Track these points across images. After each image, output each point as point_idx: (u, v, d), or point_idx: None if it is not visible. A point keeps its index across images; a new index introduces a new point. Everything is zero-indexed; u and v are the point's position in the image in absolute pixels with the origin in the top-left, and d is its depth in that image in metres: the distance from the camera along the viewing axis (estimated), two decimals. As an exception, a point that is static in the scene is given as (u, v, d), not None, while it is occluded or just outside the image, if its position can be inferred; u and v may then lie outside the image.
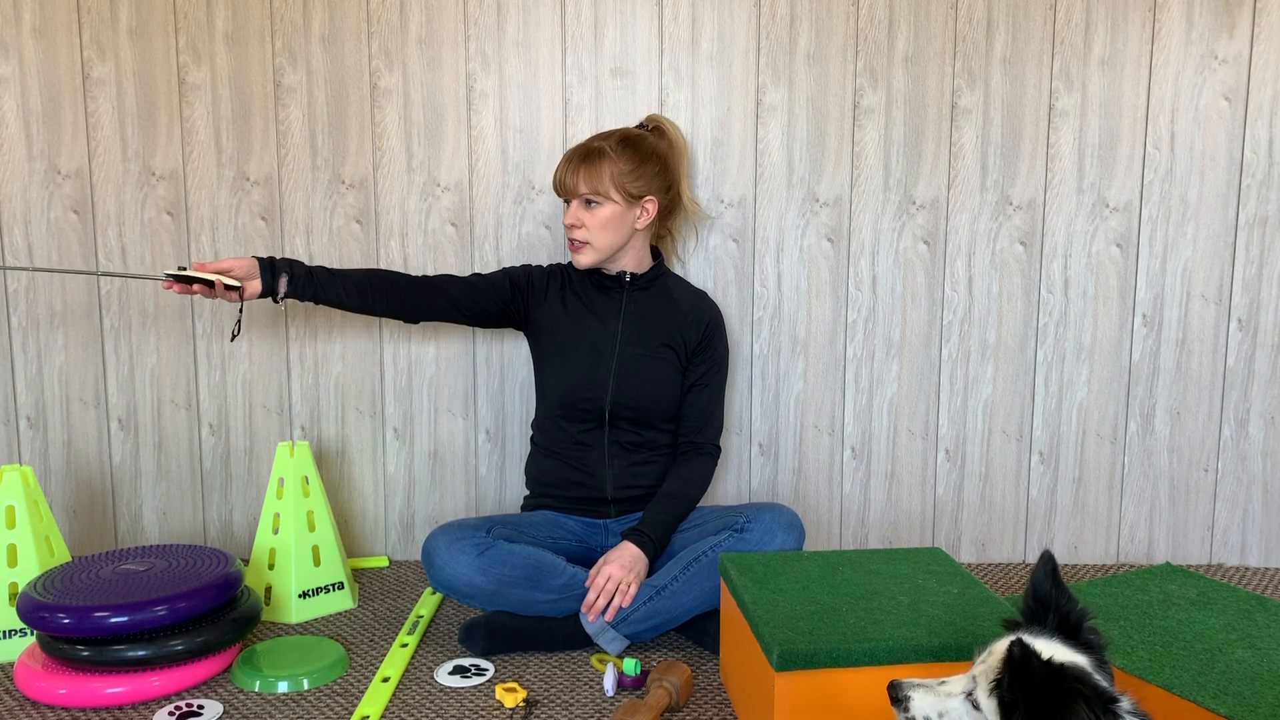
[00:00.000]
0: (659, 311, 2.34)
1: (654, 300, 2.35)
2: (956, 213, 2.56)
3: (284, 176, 2.56)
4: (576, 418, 2.29)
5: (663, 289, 2.37)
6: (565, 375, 2.30)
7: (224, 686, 2.01)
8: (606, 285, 2.35)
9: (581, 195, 2.24)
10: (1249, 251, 2.55)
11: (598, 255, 2.27)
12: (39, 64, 2.50)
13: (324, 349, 2.62)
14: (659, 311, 2.34)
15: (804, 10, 2.49)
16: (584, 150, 2.26)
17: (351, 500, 2.69)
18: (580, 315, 2.33)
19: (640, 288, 2.35)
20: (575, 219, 2.26)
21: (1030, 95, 2.51)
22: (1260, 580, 2.56)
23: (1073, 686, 1.14)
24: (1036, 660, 1.15)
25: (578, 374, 2.28)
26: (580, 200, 2.25)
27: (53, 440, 2.63)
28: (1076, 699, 1.14)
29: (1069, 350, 2.60)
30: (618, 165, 2.24)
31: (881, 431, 2.65)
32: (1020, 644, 1.15)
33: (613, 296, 2.34)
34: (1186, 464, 2.64)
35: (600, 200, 2.23)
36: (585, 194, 2.23)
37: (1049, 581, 1.34)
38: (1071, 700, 1.13)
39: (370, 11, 2.50)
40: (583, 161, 2.24)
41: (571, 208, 2.27)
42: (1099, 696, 1.15)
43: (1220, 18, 2.47)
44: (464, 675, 2.03)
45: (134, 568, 2.09)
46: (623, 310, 2.33)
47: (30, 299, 2.58)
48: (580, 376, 2.28)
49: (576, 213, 2.25)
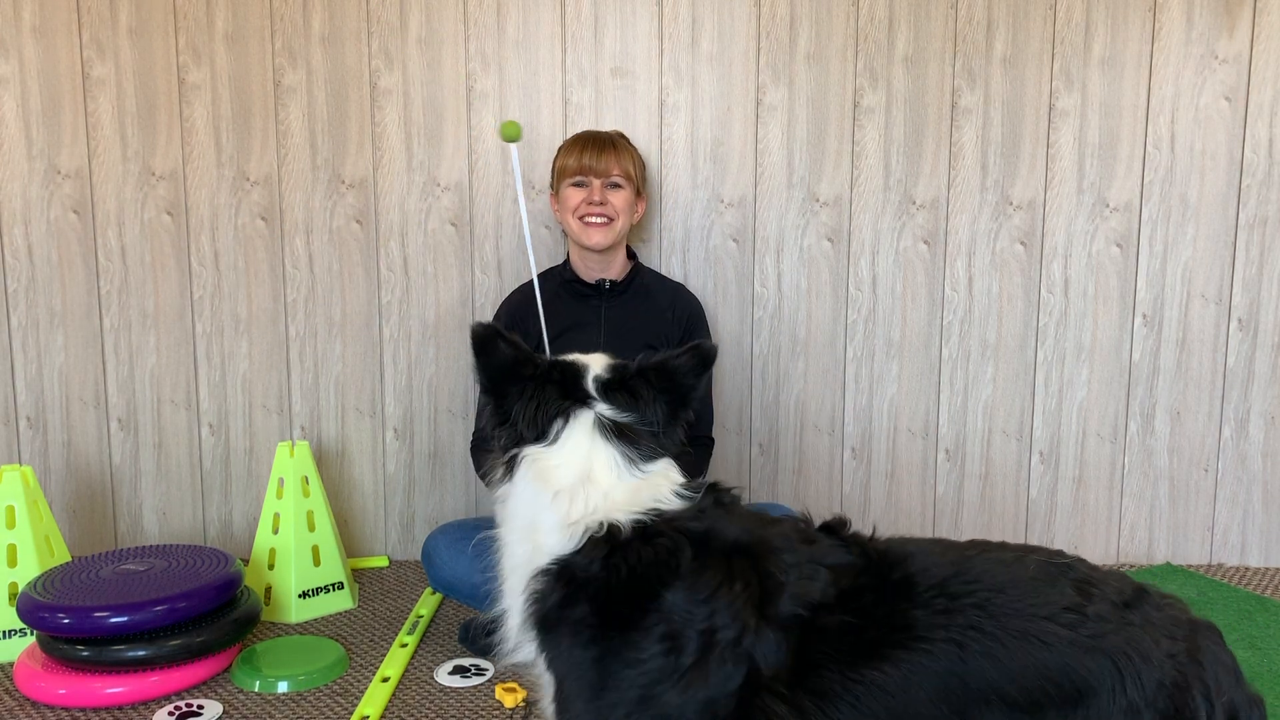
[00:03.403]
0: (638, 314, 2.34)
1: (632, 303, 2.35)
2: (956, 213, 2.56)
3: (284, 176, 2.56)
4: None
5: (640, 290, 2.37)
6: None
7: (224, 686, 2.01)
8: (585, 294, 2.35)
9: (612, 176, 2.28)
10: (1249, 251, 2.55)
11: (614, 237, 2.30)
12: (39, 64, 2.50)
13: (324, 349, 2.62)
14: (638, 314, 2.34)
15: (804, 10, 2.49)
16: (604, 137, 2.32)
17: (351, 500, 2.69)
18: (561, 329, 2.33)
19: (618, 293, 2.35)
20: (602, 196, 2.27)
21: (1030, 95, 2.51)
22: (1260, 580, 2.56)
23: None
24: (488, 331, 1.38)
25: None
26: (605, 182, 2.28)
27: (53, 440, 2.63)
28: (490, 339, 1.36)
29: (1069, 350, 2.60)
30: (634, 157, 2.34)
31: (881, 431, 2.65)
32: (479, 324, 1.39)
33: (591, 304, 2.34)
34: (1186, 464, 2.64)
35: (623, 184, 2.30)
36: (616, 175, 2.28)
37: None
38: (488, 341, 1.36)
39: (370, 11, 2.50)
40: (610, 146, 2.30)
41: (596, 187, 2.27)
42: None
43: (1220, 18, 2.47)
44: (464, 675, 2.03)
45: (134, 568, 2.09)
46: (602, 318, 2.33)
47: (30, 299, 2.58)
48: None
49: (603, 192, 2.28)
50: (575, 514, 1.30)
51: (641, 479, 1.34)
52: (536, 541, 1.32)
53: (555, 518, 1.31)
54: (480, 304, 2.59)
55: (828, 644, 1.22)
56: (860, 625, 1.23)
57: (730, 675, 1.22)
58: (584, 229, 2.27)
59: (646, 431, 1.38)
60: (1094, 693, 1.18)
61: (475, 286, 2.60)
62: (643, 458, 1.35)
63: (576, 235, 2.29)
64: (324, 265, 2.59)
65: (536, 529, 1.32)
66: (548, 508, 1.32)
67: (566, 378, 1.40)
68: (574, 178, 2.29)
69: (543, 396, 1.37)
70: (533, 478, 1.34)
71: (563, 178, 2.30)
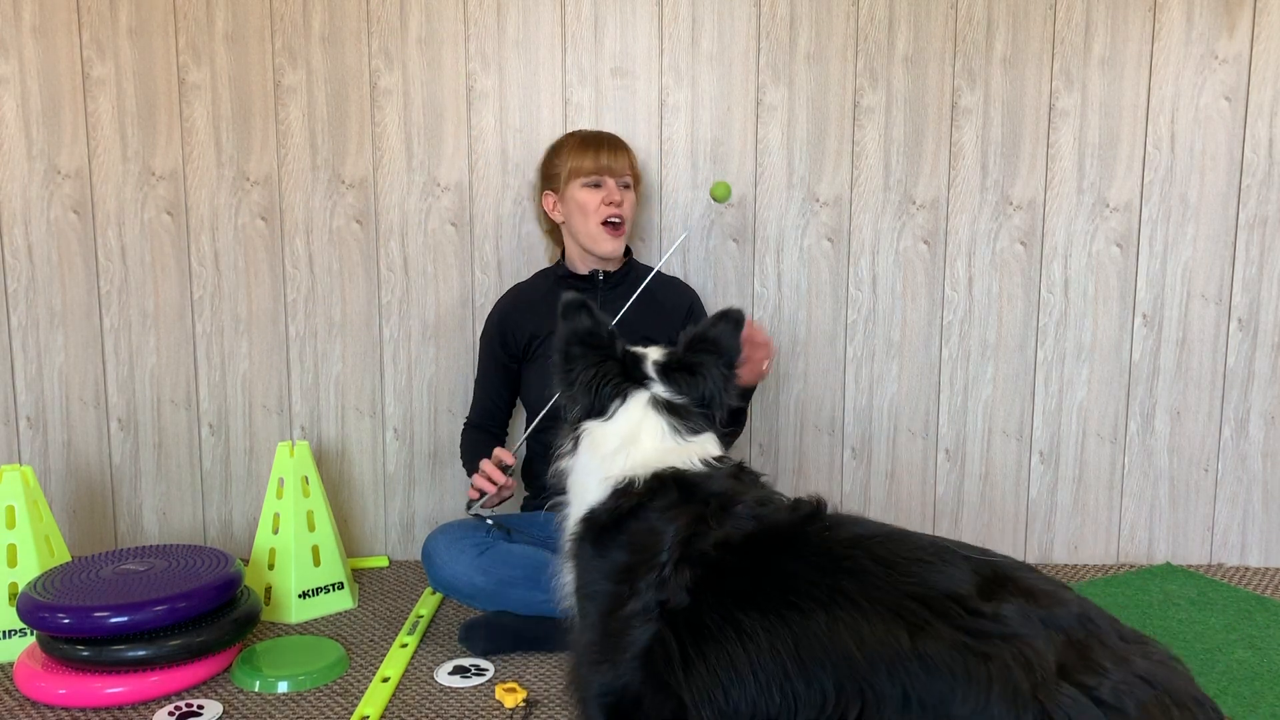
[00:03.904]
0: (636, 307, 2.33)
1: (629, 294, 2.34)
2: (956, 213, 2.56)
3: (284, 176, 2.56)
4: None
5: (636, 283, 2.35)
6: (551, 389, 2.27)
7: (224, 686, 2.01)
8: (580, 287, 2.34)
9: (625, 176, 2.30)
10: (1249, 251, 2.55)
11: (626, 240, 2.32)
12: (39, 64, 2.50)
13: (324, 349, 2.62)
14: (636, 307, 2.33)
15: (804, 10, 2.49)
16: (611, 136, 2.33)
17: (351, 500, 2.69)
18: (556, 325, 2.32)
19: (613, 285, 2.35)
20: (621, 196, 2.28)
21: (1030, 95, 2.51)
22: (1260, 580, 2.56)
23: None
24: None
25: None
26: (619, 182, 2.29)
27: (53, 440, 2.63)
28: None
29: (1069, 350, 2.60)
30: (634, 157, 2.36)
31: (881, 431, 2.65)
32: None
33: (587, 297, 2.33)
34: (1186, 464, 2.64)
35: (631, 184, 2.32)
36: (628, 175, 2.30)
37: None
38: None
39: (370, 11, 2.50)
40: (620, 145, 2.31)
41: (612, 187, 2.27)
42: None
43: (1220, 18, 2.47)
44: (464, 675, 2.03)
45: (134, 568, 2.09)
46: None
47: (30, 299, 2.58)
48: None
49: (621, 191, 2.28)
50: (614, 471, 1.45)
51: (681, 446, 1.48)
52: (585, 500, 1.48)
53: (599, 476, 1.47)
54: (480, 304, 2.59)
55: (718, 584, 1.29)
56: (749, 570, 1.28)
57: (651, 587, 1.33)
58: (604, 233, 2.26)
59: (698, 411, 1.53)
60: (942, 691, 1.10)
61: (475, 286, 2.60)
62: (688, 430, 1.50)
63: (594, 240, 2.28)
64: (324, 265, 2.59)
65: (586, 489, 1.48)
66: (597, 470, 1.48)
67: (628, 361, 1.56)
68: (589, 178, 2.27)
69: (604, 370, 1.53)
70: (589, 447, 1.50)
71: (573, 178, 2.27)
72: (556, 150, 2.35)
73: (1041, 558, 2.67)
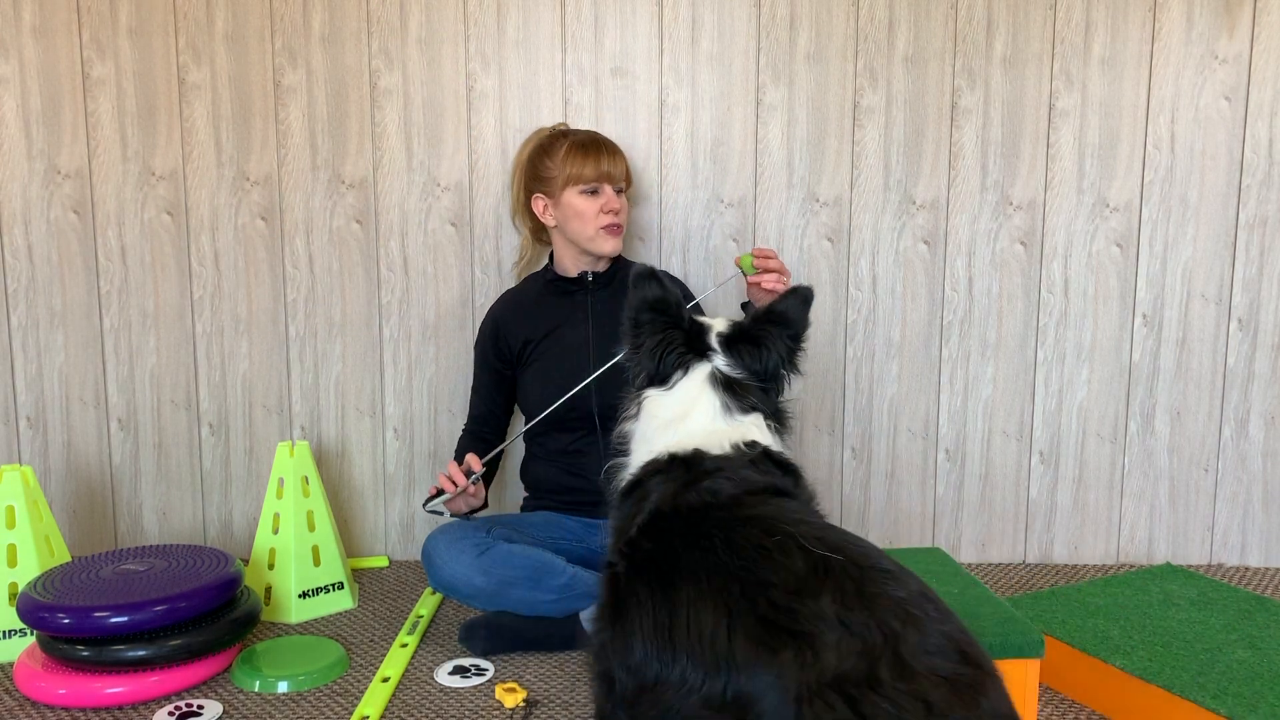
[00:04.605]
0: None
1: (620, 294, 2.33)
2: (956, 213, 2.56)
3: (284, 176, 2.56)
4: (566, 429, 2.29)
5: (624, 282, 2.35)
6: (545, 391, 2.28)
7: (224, 686, 2.01)
8: (569, 289, 2.35)
9: (620, 182, 2.31)
10: (1249, 251, 2.55)
11: (622, 242, 2.33)
12: (39, 64, 2.50)
13: (324, 349, 2.63)
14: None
15: (804, 10, 2.49)
16: (604, 141, 2.32)
17: (351, 500, 2.69)
18: (549, 328, 2.33)
19: (603, 284, 2.35)
20: (619, 204, 2.29)
21: (1030, 95, 2.51)
22: (1260, 580, 2.56)
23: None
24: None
25: (558, 388, 2.22)
26: (616, 188, 2.31)
27: (53, 440, 2.63)
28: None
29: (1069, 350, 2.60)
30: (627, 161, 2.37)
31: (881, 431, 2.65)
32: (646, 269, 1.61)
33: (577, 299, 2.34)
34: (1186, 464, 2.64)
35: (624, 189, 2.34)
36: (622, 181, 2.32)
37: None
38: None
39: (370, 11, 2.50)
40: (616, 151, 2.32)
41: (609, 194, 2.28)
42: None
43: (1220, 18, 2.47)
44: (464, 675, 2.03)
45: (134, 568, 2.09)
46: (590, 312, 2.33)
47: (30, 299, 2.58)
48: (561, 390, 2.20)
49: (618, 199, 2.30)
50: (659, 446, 1.49)
51: (728, 427, 1.51)
52: (633, 465, 1.53)
53: (647, 446, 1.51)
54: (480, 304, 2.59)
55: (643, 555, 1.33)
56: (665, 546, 1.32)
57: (615, 551, 1.39)
58: (605, 235, 2.27)
59: (756, 386, 1.55)
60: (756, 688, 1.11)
61: (475, 286, 2.60)
62: (740, 409, 1.52)
63: (594, 241, 2.28)
64: (324, 265, 2.59)
65: (637, 455, 1.54)
66: (649, 439, 1.52)
67: (693, 331, 1.59)
68: (589, 185, 2.27)
69: (669, 338, 1.57)
70: (647, 415, 1.55)
71: (570, 185, 2.26)
72: (547, 152, 2.31)
73: (1042, 558, 2.68)
